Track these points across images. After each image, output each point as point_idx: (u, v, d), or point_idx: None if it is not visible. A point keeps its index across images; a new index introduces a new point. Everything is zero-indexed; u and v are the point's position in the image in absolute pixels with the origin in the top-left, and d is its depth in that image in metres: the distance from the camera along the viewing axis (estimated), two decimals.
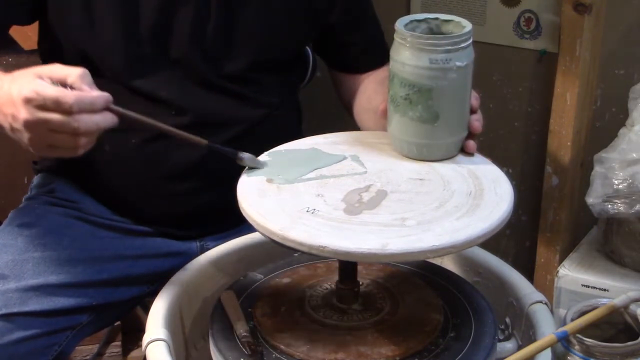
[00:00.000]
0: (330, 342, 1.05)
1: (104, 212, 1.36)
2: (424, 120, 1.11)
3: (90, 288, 1.29)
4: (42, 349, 1.24)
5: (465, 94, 1.13)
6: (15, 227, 1.32)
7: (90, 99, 1.00)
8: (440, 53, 1.07)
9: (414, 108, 1.10)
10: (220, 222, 1.36)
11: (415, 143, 1.13)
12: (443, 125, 1.11)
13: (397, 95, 1.11)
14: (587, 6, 1.48)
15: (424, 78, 1.08)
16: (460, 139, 1.15)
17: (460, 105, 1.12)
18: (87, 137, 1.02)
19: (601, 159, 1.48)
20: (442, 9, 1.68)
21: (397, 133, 1.14)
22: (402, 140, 1.14)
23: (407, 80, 1.09)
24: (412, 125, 1.12)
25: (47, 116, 0.99)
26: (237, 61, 1.30)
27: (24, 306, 1.22)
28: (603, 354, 1.21)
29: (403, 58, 1.10)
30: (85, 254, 1.30)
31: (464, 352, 1.05)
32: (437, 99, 1.09)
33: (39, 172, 1.45)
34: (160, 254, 1.36)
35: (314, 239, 0.96)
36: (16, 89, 1.00)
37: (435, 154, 1.14)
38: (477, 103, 1.16)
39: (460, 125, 1.14)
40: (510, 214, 1.04)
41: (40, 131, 1.00)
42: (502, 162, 1.61)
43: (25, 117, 1.00)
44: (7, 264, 1.25)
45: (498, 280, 1.24)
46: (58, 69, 1.02)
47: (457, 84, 1.10)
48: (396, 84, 1.11)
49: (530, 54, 1.64)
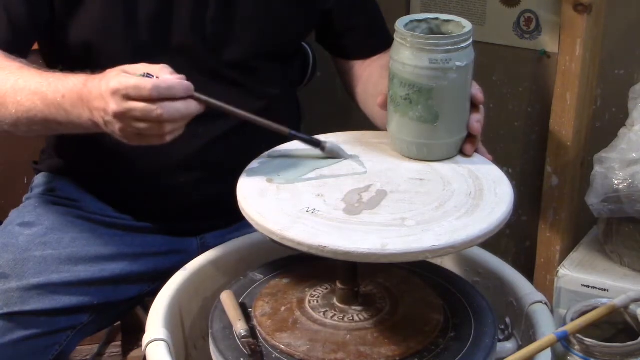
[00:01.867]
0: (330, 342, 1.05)
1: (105, 209, 1.37)
2: (424, 120, 1.11)
3: (91, 287, 1.29)
4: (43, 348, 1.24)
5: (465, 94, 1.13)
6: (16, 226, 1.33)
7: (167, 84, 1.04)
8: (440, 53, 1.08)
9: (414, 108, 1.10)
10: (220, 216, 1.36)
11: (415, 143, 1.13)
12: (443, 125, 1.11)
13: (397, 95, 1.11)
14: (587, 6, 1.48)
15: (424, 78, 1.08)
16: (460, 140, 1.15)
17: (460, 106, 1.12)
18: (172, 124, 1.06)
19: (601, 159, 1.48)
20: (442, 9, 1.68)
21: (397, 133, 1.14)
22: (402, 140, 1.14)
23: (407, 80, 1.09)
24: (412, 125, 1.12)
25: (131, 105, 1.04)
26: (237, 49, 1.30)
27: (25, 305, 1.22)
28: (603, 354, 1.21)
29: (403, 58, 1.10)
30: (86, 252, 1.30)
31: (464, 352, 1.05)
32: (437, 99, 1.09)
33: (40, 172, 1.45)
34: (161, 251, 1.37)
35: (314, 239, 0.96)
36: (105, 83, 1.06)
37: (435, 154, 1.14)
38: (481, 96, 1.16)
39: (460, 126, 1.14)
40: (510, 214, 1.04)
41: (128, 121, 1.05)
42: (502, 162, 1.60)
43: (114, 108, 1.04)
44: (9, 263, 1.25)
45: (498, 280, 1.24)
46: (142, 65, 1.08)
47: (457, 84, 1.10)
48: (396, 84, 1.11)
49: (530, 54, 1.64)
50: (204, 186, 1.33)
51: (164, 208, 1.35)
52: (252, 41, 1.31)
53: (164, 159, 1.30)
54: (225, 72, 1.31)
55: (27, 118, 1.15)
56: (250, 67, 1.33)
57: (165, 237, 1.37)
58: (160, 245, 1.37)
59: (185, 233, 1.38)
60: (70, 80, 1.12)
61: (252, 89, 1.33)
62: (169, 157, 1.30)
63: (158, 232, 1.37)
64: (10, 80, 1.16)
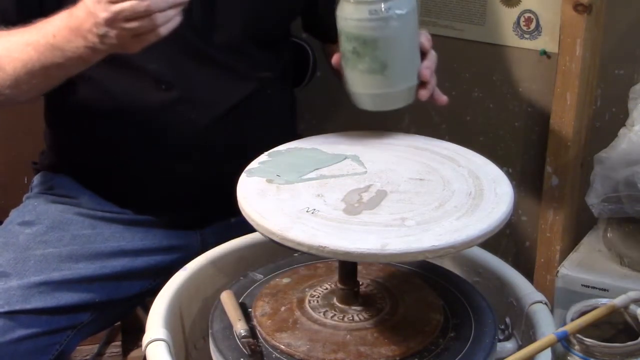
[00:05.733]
0: (330, 342, 1.05)
1: (105, 205, 1.37)
2: (372, 71, 1.13)
3: (92, 284, 1.29)
4: (43, 347, 1.24)
5: (411, 42, 1.15)
6: (17, 225, 1.33)
7: None
8: (378, 3, 1.10)
9: (362, 60, 1.13)
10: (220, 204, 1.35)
11: (369, 94, 1.16)
12: (392, 74, 1.14)
13: (345, 50, 1.15)
14: (587, 6, 1.48)
15: (366, 30, 1.11)
16: (412, 87, 1.17)
17: (407, 54, 1.15)
18: (163, 14, 1.07)
19: (601, 159, 1.48)
20: (442, 9, 1.68)
21: (351, 87, 1.17)
22: (356, 94, 1.17)
23: (351, 34, 1.12)
24: (362, 78, 1.15)
25: (118, 7, 1.05)
26: (225, 33, 1.31)
27: (26, 303, 1.22)
28: (603, 354, 1.21)
29: (346, 13, 1.13)
30: (87, 250, 1.31)
31: (464, 352, 1.05)
32: (383, 48, 1.12)
33: (39, 171, 1.45)
34: (162, 247, 1.37)
35: (314, 239, 0.96)
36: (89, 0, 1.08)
37: (389, 104, 1.17)
38: (429, 44, 1.18)
39: (410, 74, 1.16)
40: (510, 215, 1.04)
41: (120, 24, 1.07)
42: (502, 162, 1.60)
43: (104, 16, 1.06)
44: (9, 262, 1.26)
45: (498, 280, 1.24)
46: None
47: (400, 33, 1.12)
48: (344, 40, 1.14)
49: (530, 54, 1.63)
50: (201, 173, 1.33)
51: (163, 198, 1.36)
52: (238, 25, 1.32)
53: (160, 147, 1.31)
54: (215, 56, 1.31)
55: (26, 72, 1.16)
56: (240, 51, 1.33)
57: (165, 231, 1.38)
58: (161, 240, 1.37)
59: (185, 225, 1.39)
60: (56, 19, 1.14)
61: (243, 72, 1.34)
62: (164, 145, 1.31)
63: (158, 226, 1.38)
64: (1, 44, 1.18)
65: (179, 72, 1.29)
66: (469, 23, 1.66)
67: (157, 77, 1.29)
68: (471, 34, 1.67)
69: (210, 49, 1.30)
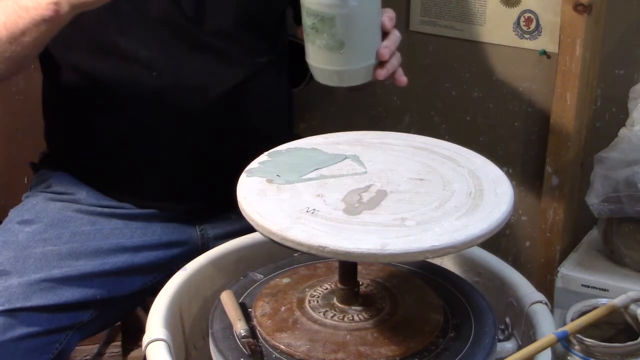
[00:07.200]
0: (330, 342, 1.05)
1: (103, 199, 1.37)
2: (330, 48, 1.13)
3: (93, 280, 1.29)
4: (44, 346, 1.24)
5: (371, 23, 1.15)
6: (16, 224, 1.33)
7: None
8: None
9: (321, 36, 1.13)
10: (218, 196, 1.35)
11: (326, 70, 1.16)
12: (349, 52, 1.13)
13: (306, 25, 1.15)
14: (587, 6, 1.48)
15: (325, 7, 1.11)
16: (370, 66, 1.16)
17: (366, 33, 1.14)
18: None
19: (601, 159, 1.48)
20: (442, 9, 1.68)
21: (310, 61, 1.18)
22: (315, 68, 1.17)
23: (311, 10, 1.13)
24: (321, 53, 1.15)
25: None
26: (217, 18, 1.31)
27: (27, 301, 1.22)
28: (603, 354, 1.21)
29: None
30: (87, 247, 1.31)
31: (464, 352, 1.05)
32: (340, 27, 1.12)
33: (37, 171, 1.46)
34: (161, 243, 1.37)
35: (314, 239, 0.96)
36: None
37: (347, 81, 1.16)
38: (391, 24, 1.18)
39: (368, 53, 1.16)
40: (510, 215, 1.04)
41: None
42: (502, 162, 1.61)
43: None
44: (9, 260, 1.26)
45: (498, 280, 1.24)
46: None
47: (359, 13, 1.12)
48: (304, 15, 1.14)
49: (530, 54, 1.64)
50: (198, 162, 1.33)
51: (161, 188, 1.36)
52: (230, 10, 1.31)
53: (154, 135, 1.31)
54: (208, 42, 1.31)
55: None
56: (232, 36, 1.33)
57: (165, 227, 1.38)
58: (161, 236, 1.37)
59: (185, 219, 1.38)
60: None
61: (236, 58, 1.34)
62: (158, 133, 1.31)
63: (158, 220, 1.38)
64: None
65: (170, 59, 1.29)
66: (469, 23, 1.66)
67: (148, 64, 1.28)
68: (471, 34, 1.67)
69: (202, 35, 1.30)
